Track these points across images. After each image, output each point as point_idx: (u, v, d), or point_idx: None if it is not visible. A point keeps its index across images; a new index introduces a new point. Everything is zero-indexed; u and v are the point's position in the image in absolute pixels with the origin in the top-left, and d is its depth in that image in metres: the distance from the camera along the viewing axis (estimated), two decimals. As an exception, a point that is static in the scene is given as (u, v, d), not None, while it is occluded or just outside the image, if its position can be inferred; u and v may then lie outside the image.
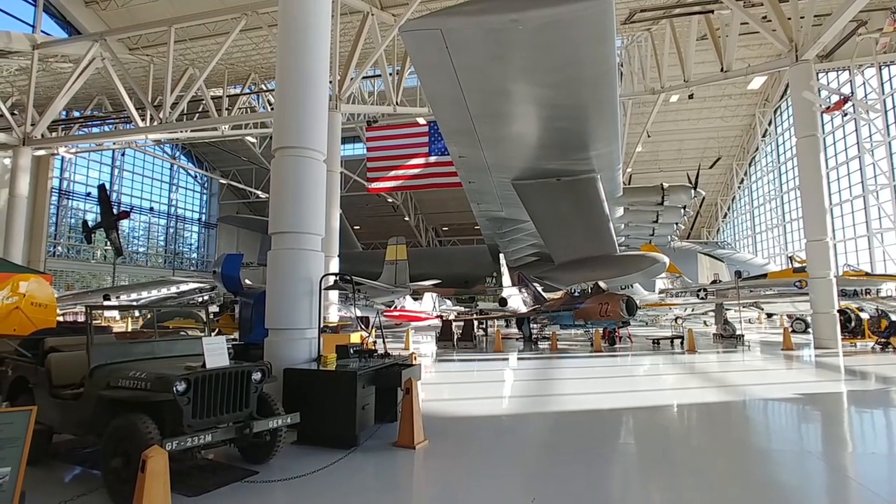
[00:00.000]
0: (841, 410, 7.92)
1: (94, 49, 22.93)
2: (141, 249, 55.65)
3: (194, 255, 61.03)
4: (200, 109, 33.58)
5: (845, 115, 17.76)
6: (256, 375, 4.61)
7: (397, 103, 24.37)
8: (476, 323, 22.48)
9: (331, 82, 21.12)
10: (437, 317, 21.45)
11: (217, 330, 10.20)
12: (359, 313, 15.07)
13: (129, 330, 13.68)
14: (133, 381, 4.18)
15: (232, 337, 8.36)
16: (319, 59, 7.32)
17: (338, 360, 6.07)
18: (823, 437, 6.53)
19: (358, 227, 55.64)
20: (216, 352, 4.32)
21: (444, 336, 17.47)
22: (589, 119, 16.39)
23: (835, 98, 15.11)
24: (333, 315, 17.42)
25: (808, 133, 16.65)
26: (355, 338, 12.34)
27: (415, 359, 8.00)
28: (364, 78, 35.05)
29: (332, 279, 7.33)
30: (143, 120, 25.05)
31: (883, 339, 15.59)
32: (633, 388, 9.74)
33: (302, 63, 7.13)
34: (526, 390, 9.79)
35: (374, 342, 8.34)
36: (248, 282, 14.42)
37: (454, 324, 19.35)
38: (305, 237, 6.74)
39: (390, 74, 24.89)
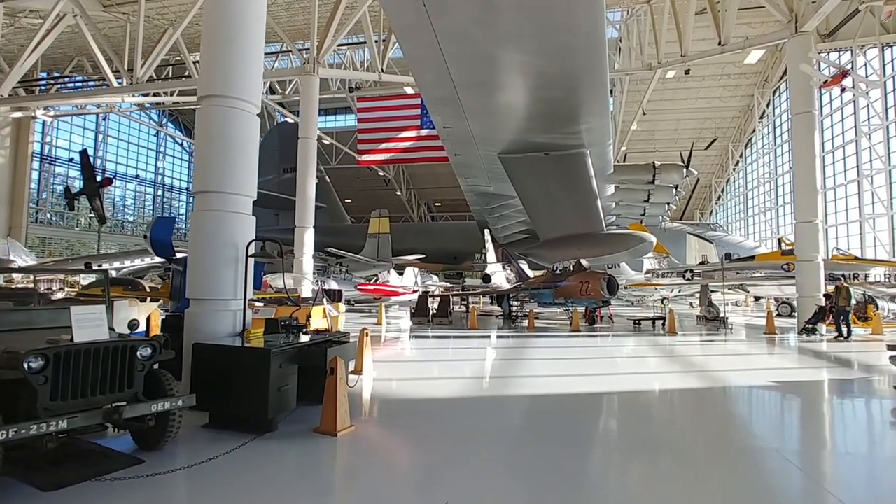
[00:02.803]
0: (815, 401, 7.41)
1: (63, 3, 21.69)
2: (129, 218, 54.89)
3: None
4: (186, 74, 32.39)
5: (843, 90, 17.02)
6: (144, 351, 4.00)
7: (383, 70, 23.34)
8: (458, 299, 22.02)
9: (308, 49, 20.10)
10: (414, 291, 20.92)
11: (160, 300, 9.65)
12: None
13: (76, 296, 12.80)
14: (-19, 355, 3.59)
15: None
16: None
17: (266, 336, 5.51)
18: (793, 432, 6.03)
19: (349, 201, 54.80)
20: (89, 323, 3.72)
21: (419, 312, 16.92)
22: (578, 90, 15.66)
23: (834, 74, 14.35)
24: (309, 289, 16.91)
25: (805, 109, 15.95)
26: (318, 312, 11.84)
27: (366, 335, 7.44)
28: (353, 45, 33.91)
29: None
30: (118, 80, 23.99)
31: (810, 325, 14.87)
32: (600, 371, 9.18)
33: (233, -1, 6.24)
34: (487, 371, 9.25)
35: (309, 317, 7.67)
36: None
37: (430, 299, 18.77)
38: (232, 198, 6.04)
39: (376, 42, 23.80)
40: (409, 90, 26.63)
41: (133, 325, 4.45)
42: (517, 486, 3.98)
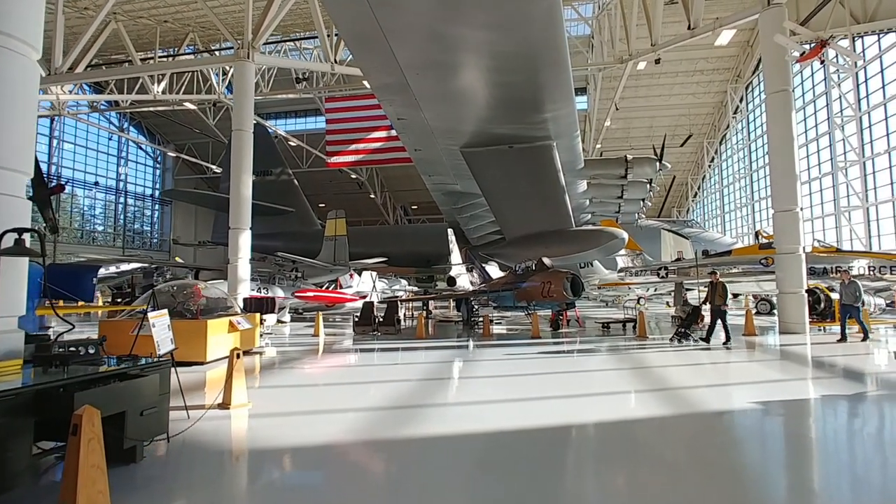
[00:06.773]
0: (812, 432, 5.74)
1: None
2: (100, 228, 52.76)
3: (147, 230, 58.32)
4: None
5: (822, 62, 15.95)
6: None
7: (336, 61, 21.71)
8: (420, 304, 20.40)
9: (242, 36, 18.31)
10: (362, 297, 19.22)
11: None
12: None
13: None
14: None
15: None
16: None
17: (32, 368, 3.83)
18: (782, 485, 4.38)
19: (323, 206, 52.97)
20: None
21: (364, 321, 15.14)
22: (537, 71, 14.28)
23: (812, 46, 13.24)
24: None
25: (781, 88, 14.85)
26: (219, 327, 10.18)
27: (237, 357, 5.77)
28: (312, 38, 32.25)
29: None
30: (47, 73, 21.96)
31: (682, 330, 12.99)
32: (552, 392, 7.47)
33: None
34: (416, 396, 7.27)
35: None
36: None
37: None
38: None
39: (328, 36, 22.10)
40: (369, 84, 25.04)
41: None
42: None
